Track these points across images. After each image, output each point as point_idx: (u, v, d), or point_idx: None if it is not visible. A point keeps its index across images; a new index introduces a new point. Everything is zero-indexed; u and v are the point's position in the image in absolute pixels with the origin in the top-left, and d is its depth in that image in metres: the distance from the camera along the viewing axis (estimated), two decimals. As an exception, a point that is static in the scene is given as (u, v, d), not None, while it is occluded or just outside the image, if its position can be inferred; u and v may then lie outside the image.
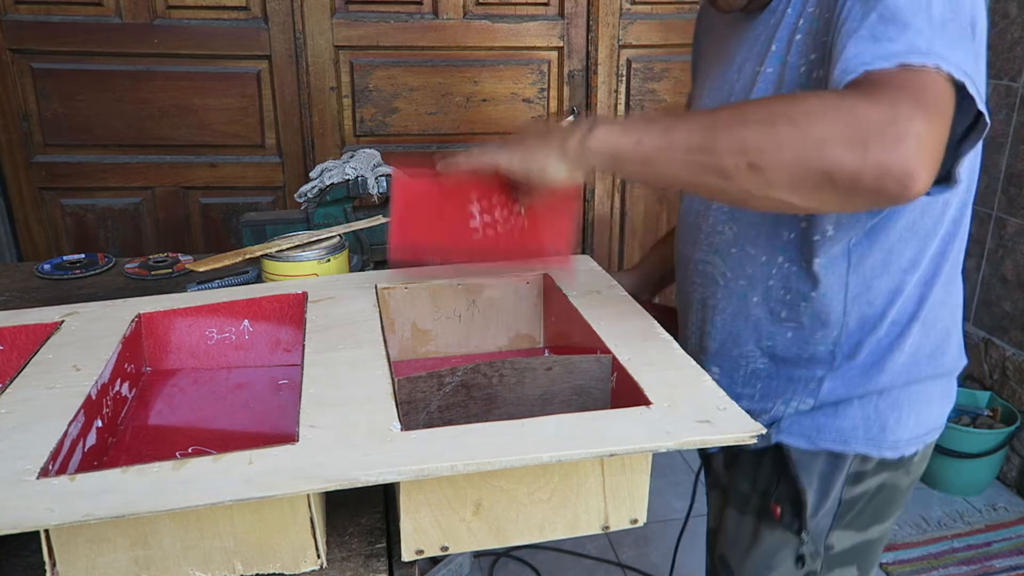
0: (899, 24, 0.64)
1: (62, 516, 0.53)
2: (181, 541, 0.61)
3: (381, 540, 0.70)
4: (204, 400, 0.86)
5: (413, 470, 0.58)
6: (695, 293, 0.94)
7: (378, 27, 2.14)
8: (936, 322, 0.87)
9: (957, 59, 0.63)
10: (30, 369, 0.76)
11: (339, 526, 0.71)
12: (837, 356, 0.86)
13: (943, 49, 0.63)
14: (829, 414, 0.89)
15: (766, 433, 0.88)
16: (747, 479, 0.97)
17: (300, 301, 0.91)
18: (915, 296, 0.84)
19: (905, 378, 0.87)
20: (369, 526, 0.72)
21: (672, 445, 0.60)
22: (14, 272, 1.36)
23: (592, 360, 0.75)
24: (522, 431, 0.62)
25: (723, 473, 1.03)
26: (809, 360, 0.88)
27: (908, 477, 0.93)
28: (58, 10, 2.00)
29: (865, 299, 0.84)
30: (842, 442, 0.88)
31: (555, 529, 0.68)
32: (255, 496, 0.55)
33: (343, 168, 1.30)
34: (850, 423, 0.88)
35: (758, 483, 0.96)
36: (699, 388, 0.69)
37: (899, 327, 0.85)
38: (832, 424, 0.89)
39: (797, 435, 0.90)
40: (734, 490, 0.99)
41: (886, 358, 0.85)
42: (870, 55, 0.64)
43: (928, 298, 0.85)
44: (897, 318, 0.85)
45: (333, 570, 0.66)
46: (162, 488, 0.56)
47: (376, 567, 0.67)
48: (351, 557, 0.68)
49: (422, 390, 0.70)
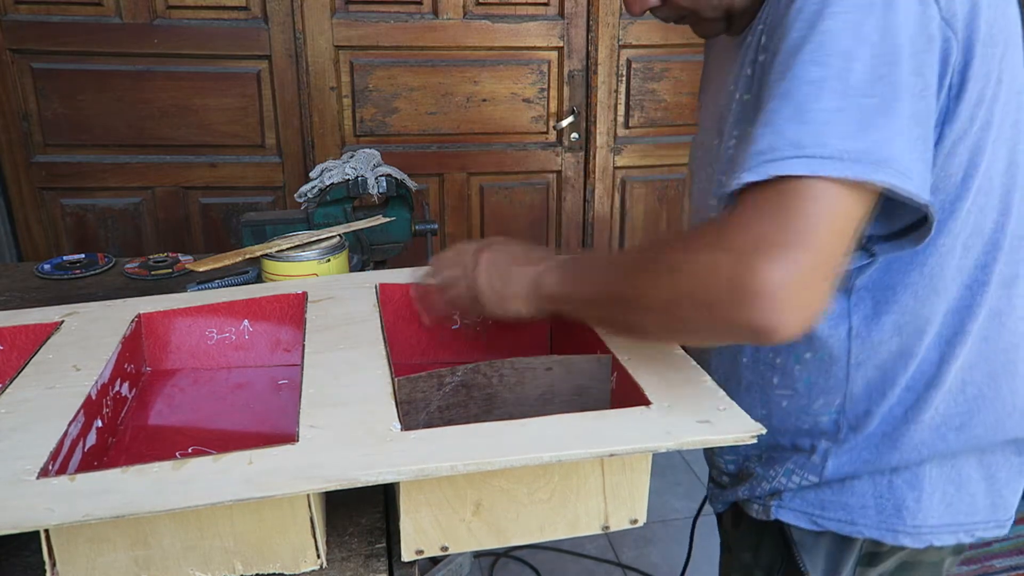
0: (791, 104, 0.56)
1: (62, 516, 0.53)
2: (181, 541, 0.61)
3: (381, 540, 0.70)
4: (204, 400, 0.86)
5: (413, 470, 0.57)
6: (691, 350, 0.86)
7: (378, 27, 2.14)
8: (965, 387, 0.74)
9: (869, 146, 0.55)
10: (30, 369, 0.76)
11: (339, 526, 0.71)
12: (842, 427, 0.76)
13: (843, 138, 0.55)
14: (836, 490, 0.79)
15: (767, 506, 0.83)
16: (749, 550, 0.90)
17: (300, 301, 0.91)
18: (933, 358, 0.73)
19: (927, 453, 0.75)
20: (369, 526, 0.71)
21: (672, 445, 0.60)
22: (14, 272, 1.36)
23: (592, 360, 0.75)
24: (522, 431, 0.62)
25: (731, 532, 0.96)
26: (810, 432, 0.78)
27: (940, 554, 0.82)
28: (58, 10, 2.00)
29: (871, 363, 0.74)
30: (848, 522, 0.78)
31: (555, 529, 0.68)
32: (255, 496, 0.55)
33: (343, 168, 1.30)
34: (858, 501, 0.78)
35: (760, 558, 0.89)
36: (699, 388, 0.69)
37: (915, 394, 0.74)
38: (838, 501, 0.78)
39: (799, 512, 0.81)
40: (736, 557, 0.93)
41: (900, 430, 0.74)
42: (751, 156, 0.57)
43: (951, 359, 0.73)
44: (911, 384, 0.74)
45: (333, 570, 0.66)
46: (162, 488, 0.56)
47: (376, 567, 0.67)
48: (351, 557, 0.68)
49: (422, 390, 0.70)
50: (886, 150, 0.55)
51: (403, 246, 1.35)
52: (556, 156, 2.34)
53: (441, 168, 2.29)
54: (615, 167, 2.38)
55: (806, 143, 0.55)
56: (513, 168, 2.33)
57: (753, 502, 0.86)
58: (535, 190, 2.37)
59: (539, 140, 2.33)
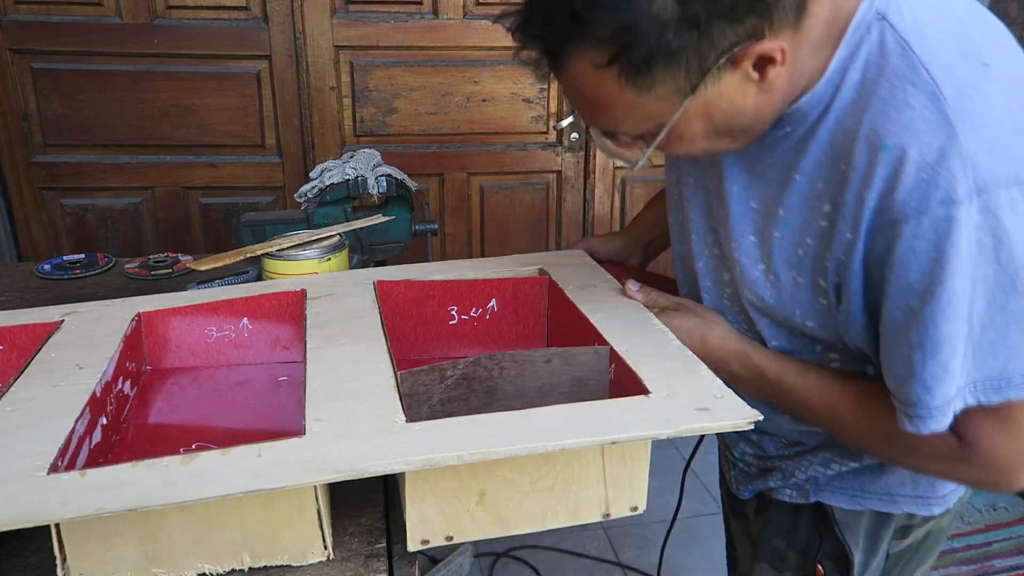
0: (944, 350, 0.62)
1: (76, 510, 0.54)
2: (190, 534, 0.62)
3: (381, 540, 0.70)
4: (205, 398, 0.86)
5: (420, 460, 0.58)
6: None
7: (378, 27, 2.14)
8: None
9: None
10: (33, 368, 0.76)
11: (339, 526, 0.71)
12: None
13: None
14: (875, 470, 0.83)
15: (804, 490, 0.86)
16: (781, 535, 0.92)
17: (299, 299, 0.91)
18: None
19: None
20: (369, 526, 0.71)
21: (671, 432, 0.61)
22: (14, 272, 1.36)
23: (590, 352, 0.76)
24: (525, 421, 0.63)
25: (754, 521, 0.97)
26: None
27: (950, 516, 0.88)
28: (58, 10, 2.00)
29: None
30: (890, 502, 0.83)
31: (557, 517, 0.68)
32: (265, 488, 0.56)
33: (343, 168, 1.30)
34: (897, 479, 0.82)
35: (795, 541, 0.91)
36: (696, 378, 0.70)
37: None
38: (878, 482, 0.83)
39: (839, 494, 0.85)
40: (766, 544, 0.94)
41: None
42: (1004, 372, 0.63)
43: None
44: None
45: (333, 570, 0.66)
46: (173, 481, 0.56)
47: (376, 567, 0.67)
48: (351, 557, 0.68)
49: (424, 383, 0.71)
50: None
51: (403, 246, 1.35)
52: (556, 156, 2.34)
53: (441, 168, 2.29)
54: (615, 167, 2.38)
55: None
56: (513, 168, 2.33)
57: (787, 488, 0.88)
58: (535, 190, 2.37)
59: (539, 140, 2.33)
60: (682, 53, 0.58)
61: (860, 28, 0.63)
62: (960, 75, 0.60)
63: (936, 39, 0.62)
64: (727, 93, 0.62)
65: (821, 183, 0.67)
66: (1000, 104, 0.60)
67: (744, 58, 0.60)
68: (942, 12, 0.64)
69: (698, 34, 0.57)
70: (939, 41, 0.62)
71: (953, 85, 0.60)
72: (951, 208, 0.58)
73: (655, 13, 0.55)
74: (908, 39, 0.62)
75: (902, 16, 0.63)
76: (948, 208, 0.58)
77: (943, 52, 0.61)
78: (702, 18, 0.56)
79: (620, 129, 0.68)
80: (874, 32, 0.63)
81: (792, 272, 0.72)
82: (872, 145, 0.61)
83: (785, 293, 0.73)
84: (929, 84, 0.60)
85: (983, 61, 0.61)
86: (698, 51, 0.58)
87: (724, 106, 0.63)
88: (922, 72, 0.60)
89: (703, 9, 0.56)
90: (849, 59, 0.64)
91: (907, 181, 0.60)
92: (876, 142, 0.61)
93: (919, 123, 0.59)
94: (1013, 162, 0.59)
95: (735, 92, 0.62)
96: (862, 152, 0.62)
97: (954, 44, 0.62)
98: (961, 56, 0.61)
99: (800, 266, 0.71)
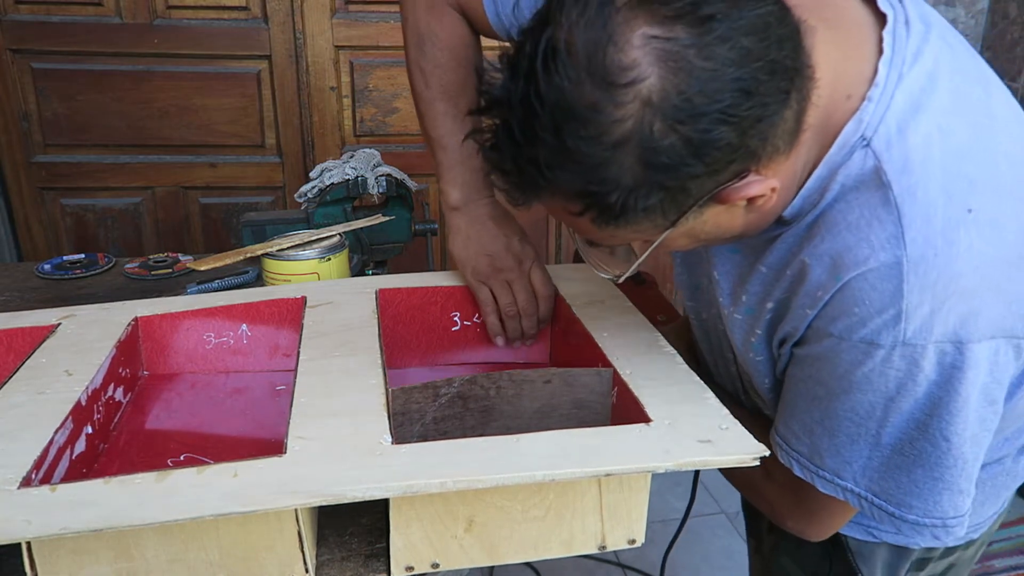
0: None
1: (39, 529, 0.52)
2: (165, 554, 0.60)
3: (381, 540, 0.69)
4: (201, 405, 0.84)
5: (401, 486, 0.56)
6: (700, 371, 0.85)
7: (378, 27, 2.14)
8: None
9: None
10: (22, 373, 0.74)
11: (339, 526, 0.71)
12: None
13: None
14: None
15: None
16: (791, 557, 0.90)
17: (299, 306, 0.90)
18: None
19: (985, 459, 0.72)
20: (369, 526, 0.71)
21: (671, 466, 0.59)
22: (14, 272, 1.36)
23: (592, 374, 0.73)
24: (516, 447, 0.60)
25: (766, 538, 0.95)
26: None
27: (976, 546, 0.85)
28: (58, 10, 2.00)
29: None
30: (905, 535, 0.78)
31: (550, 548, 0.66)
32: (237, 511, 0.54)
33: (343, 168, 1.30)
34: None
35: (806, 566, 0.88)
36: (701, 406, 0.67)
37: None
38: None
39: (853, 525, 0.81)
40: (776, 564, 0.92)
41: None
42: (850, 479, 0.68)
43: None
44: None
45: (333, 570, 0.66)
46: (143, 501, 0.54)
47: (376, 567, 0.66)
48: (351, 557, 0.67)
49: (417, 401, 0.69)
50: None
51: (403, 246, 1.34)
52: (556, 156, 2.34)
53: (441, 168, 2.29)
54: (615, 167, 2.38)
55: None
56: (513, 168, 2.33)
57: None
58: (535, 190, 2.37)
59: (539, 140, 2.33)
60: (656, 208, 0.56)
61: (843, 150, 0.60)
62: (934, 223, 0.57)
63: (923, 173, 0.58)
64: (712, 219, 0.60)
65: (777, 282, 0.67)
66: (967, 258, 0.57)
67: (729, 198, 0.57)
68: (946, 134, 0.59)
69: (670, 193, 0.55)
70: (926, 176, 0.58)
71: (921, 233, 0.57)
72: (873, 348, 0.60)
73: (618, 179, 0.53)
74: (888, 171, 0.58)
75: (890, 146, 0.59)
76: (870, 347, 0.60)
77: (924, 192, 0.57)
78: (669, 186, 0.54)
79: (603, 245, 0.69)
80: (855, 158, 0.60)
81: (750, 353, 0.74)
82: (828, 269, 0.61)
83: (749, 363, 0.74)
84: (894, 227, 0.57)
85: (968, 206, 0.58)
86: (674, 202, 0.56)
87: (710, 229, 0.62)
88: (892, 212, 0.58)
89: (670, 179, 0.53)
90: (828, 178, 0.61)
91: (844, 312, 0.60)
92: (832, 268, 0.60)
93: (871, 263, 0.58)
94: (958, 319, 0.58)
95: (721, 218, 0.60)
96: (817, 271, 0.61)
97: (941, 183, 0.58)
98: (945, 198, 0.57)
99: (756, 347, 0.72)
